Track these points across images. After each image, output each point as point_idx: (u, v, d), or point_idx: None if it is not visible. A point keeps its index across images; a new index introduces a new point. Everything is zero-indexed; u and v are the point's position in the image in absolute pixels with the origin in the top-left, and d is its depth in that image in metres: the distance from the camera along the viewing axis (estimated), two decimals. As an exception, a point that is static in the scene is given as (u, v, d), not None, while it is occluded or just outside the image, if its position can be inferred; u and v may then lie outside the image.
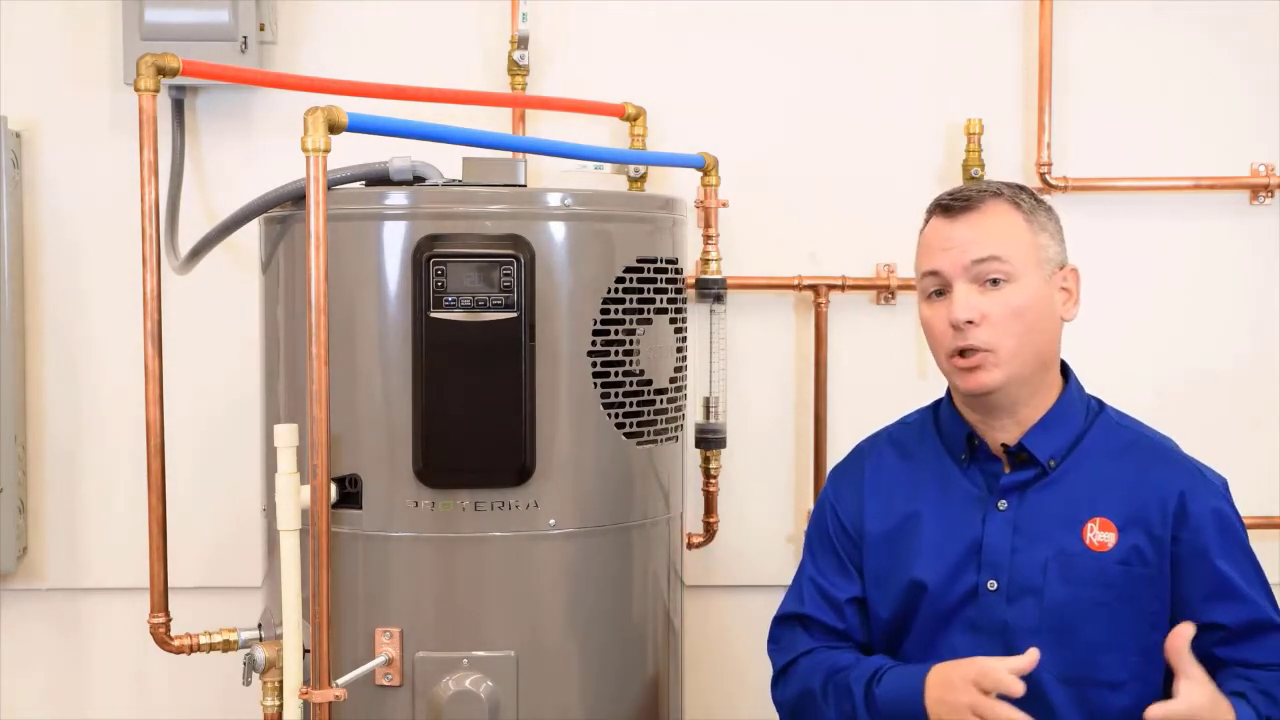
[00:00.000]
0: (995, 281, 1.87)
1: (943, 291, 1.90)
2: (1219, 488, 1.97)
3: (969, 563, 1.93)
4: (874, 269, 2.87)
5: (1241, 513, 2.82)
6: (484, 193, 2.10)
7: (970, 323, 1.86)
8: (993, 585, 1.91)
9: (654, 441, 2.22)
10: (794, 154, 2.87)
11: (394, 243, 2.07)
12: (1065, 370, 2.00)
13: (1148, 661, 1.88)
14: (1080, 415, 1.96)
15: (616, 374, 2.14)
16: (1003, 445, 1.94)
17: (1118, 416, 2.00)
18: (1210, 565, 1.90)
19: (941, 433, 2.02)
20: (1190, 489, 1.92)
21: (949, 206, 1.92)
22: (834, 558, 2.05)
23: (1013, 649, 1.85)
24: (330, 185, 1.97)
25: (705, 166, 2.66)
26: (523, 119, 2.83)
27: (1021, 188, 1.96)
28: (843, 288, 2.86)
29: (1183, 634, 1.76)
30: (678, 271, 2.27)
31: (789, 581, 2.12)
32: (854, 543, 2.04)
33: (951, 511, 1.96)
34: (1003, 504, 1.93)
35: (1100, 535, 1.89)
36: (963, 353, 1.88)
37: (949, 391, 2.03)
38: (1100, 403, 2.01)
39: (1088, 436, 1.95)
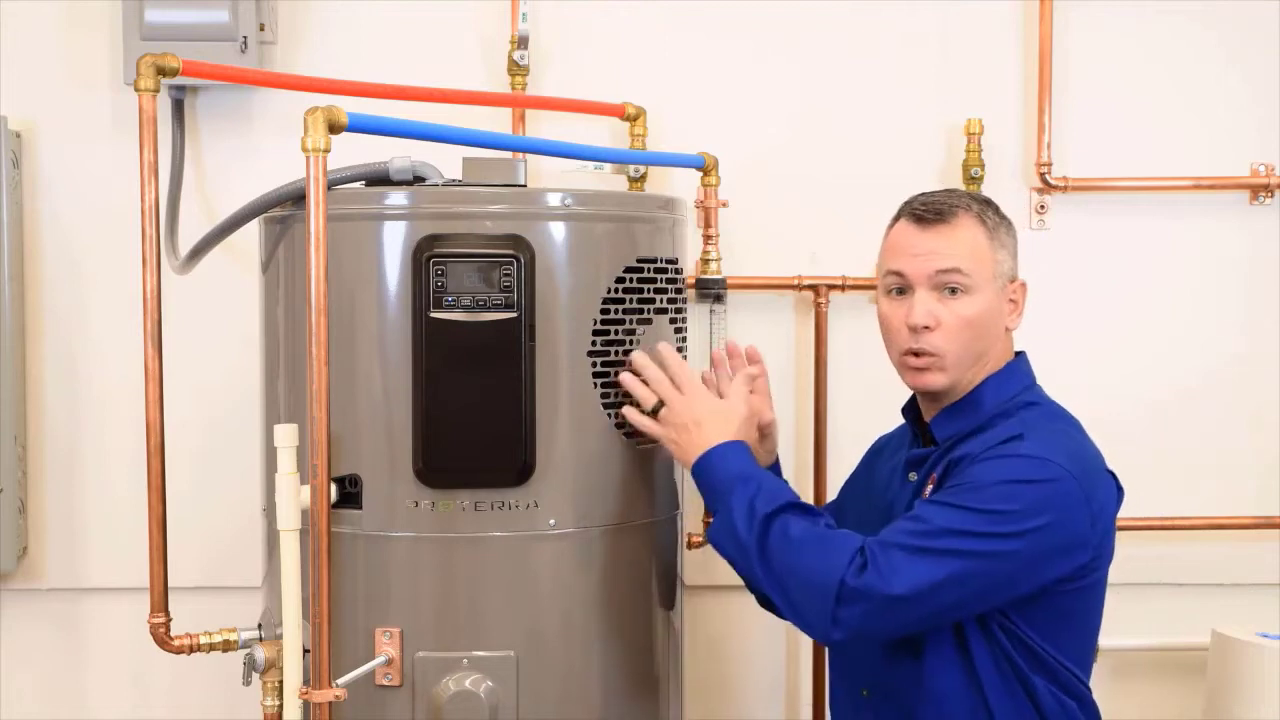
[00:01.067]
0: (953, 291, 2.03)
1: (903, 291, 2.07)
2: (1011, 453, 1.95)
3: (880, 522, 2.06)
4: (874, 269, 2.87)
5: (1241, 513, 2.87)
6: (484, 193, 2.10)
7: (926, 328, 2.03)
8: None
9: (654, 441, 2.21)
10: (794, 154, 2.88)
11: (394, 243, 2.07)
12: (1014, 366, 2.10)
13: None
14: (990, 405, 2.06)
15: (617, 374, 2.14)
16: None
17: (1027, 406, 2.05)
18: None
19: None
20: (984, 444, 1.98)
21: (922, 216, 2.07)
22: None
23: None
24: (330, 185, 1.97)
25: (705, 166, 2.66)
26: (523, 119, 2.83)
27: (987, 203, 2.10)
28: (843, 288, 2.86)
29: (752, 372, 2.15)
30: (678, 271, 2.27)
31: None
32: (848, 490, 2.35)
33: (886, 480, 2.17)
34: (913, 475, 2.10)
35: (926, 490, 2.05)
36: (915, 353, 2.05)
37: None
38: (1029, 391, 2.09)
39: (991, 421, 2.04)
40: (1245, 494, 2.89)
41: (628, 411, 2.11)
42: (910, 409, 2.18)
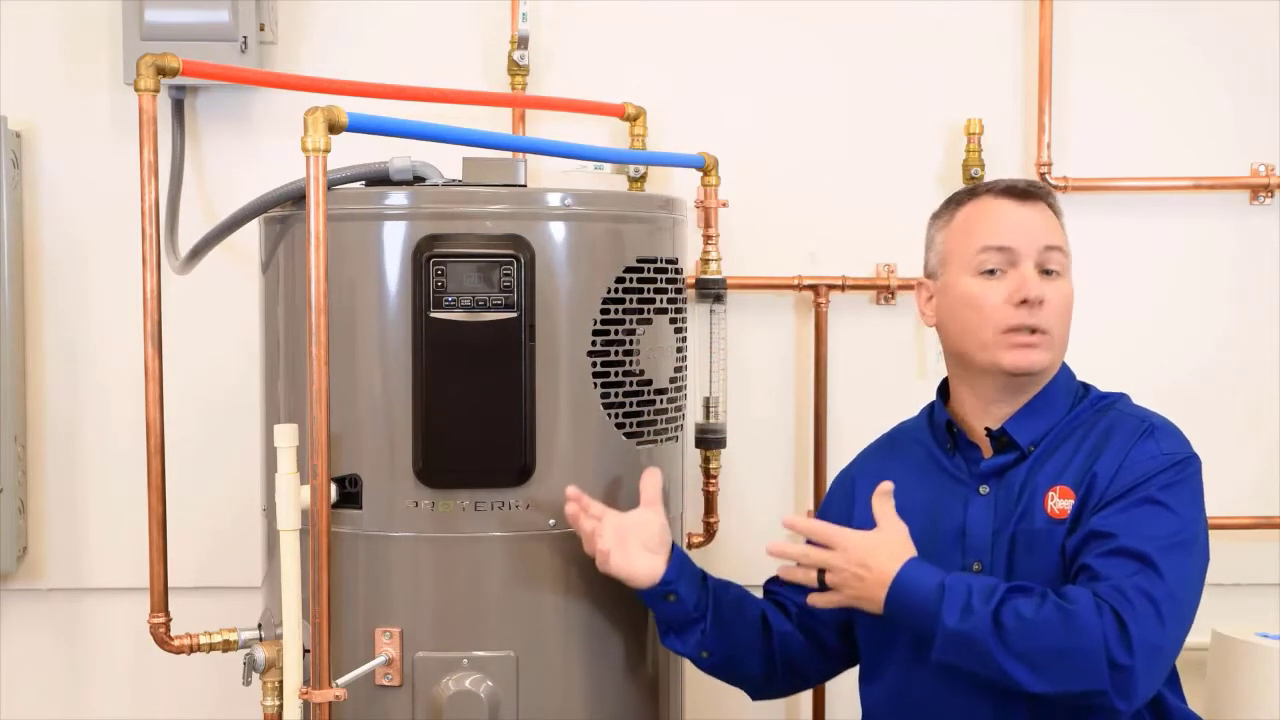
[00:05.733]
0: (1048, 272, 1.98)
1: (997, 271, 1.98)
2: (1166, 445, 1.96)
3: (954, 547, 1.99)
4: (874, 269, 2.87)
5: (1241, 513, 2.86)
6: (484, 193, 2.10)
7: (1041, 302, 1.95)
8: (977, 567, 1.98)
9: (654, 441, 2.22)
10: (794, 154, 2.88)
11: (394, 243, 2.07)
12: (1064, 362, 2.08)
13: None
14: (1065, 402, 2.03)
15: (616, 374, 2.14)
16: (986, 429, 2.02)
17: (1100, 398, 2.06)
18: (1103, 486, 1.92)
19: (934, 427, 2.11)
20: (1139, 438, 1.96)
21: (1024, 192, 2.01)
22: None
23: None
24: (330, 185, 1.97)
25: (705, 166, 2.66)
26: (523, 119, 2.83)
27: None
28: (843, 288, 2.86)
29: (883, 489, 1.93)
30: (678, 271, 2.27)
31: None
32: None
33: (939, 500, 2.04)
34: (984, 488, 2.00)
35: (1059, 503, 1.95)
36: (1018, 329, 1.95)
37: (940, 389, 2.11)
38: (1087, 387, 2.08)
39: (1066, 419, 2.01)
40: (1244, 494, 2.88)
41: (813, 599, 1.98)
42: (941, 422, 2.08)
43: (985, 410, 2.02)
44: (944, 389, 2.11)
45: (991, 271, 1.98)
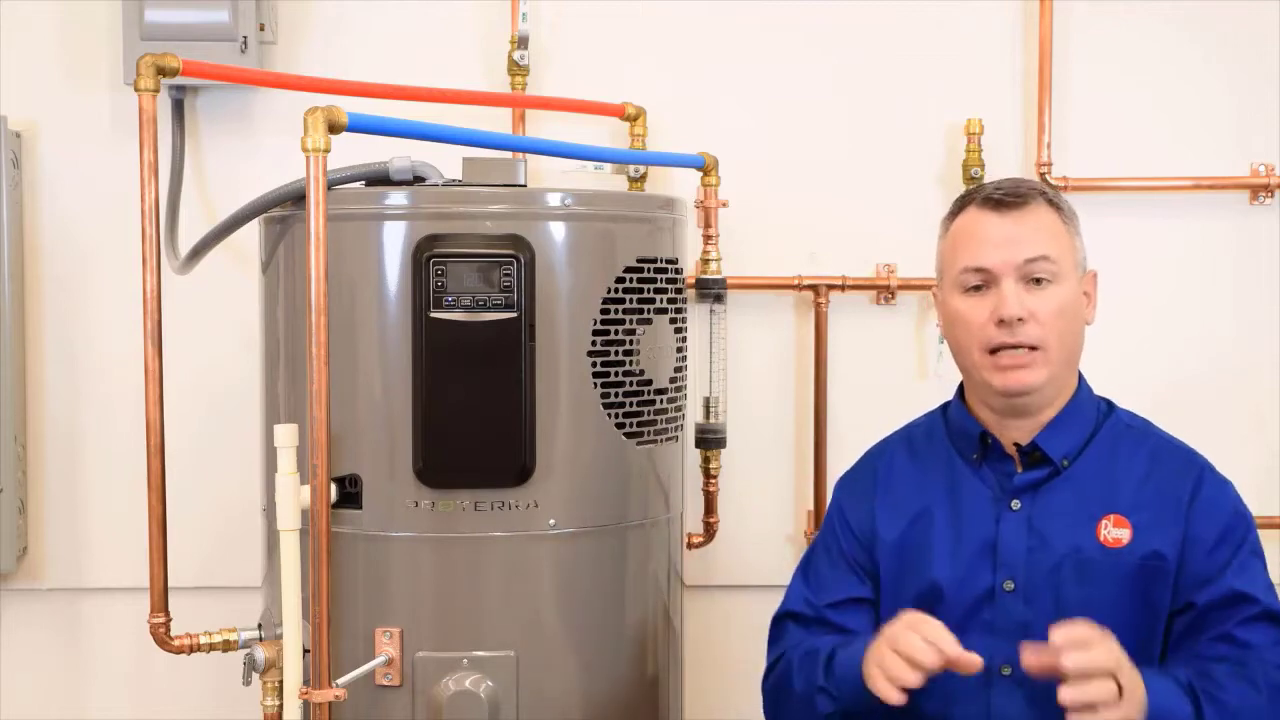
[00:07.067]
0: (1039, 281, 1.89)
1: (982, 286, 1.91)
2: (1226, 484, 1.98)
3: (984, 563, 1.93)
4: (874, 269, 2.87)
5: (1241, 513, 2.86)
6: (484, 193, 2.11)
7: (1020, 320, 1.87)
8: (1009, 585, 1.91)
9: (654, 441, 2.22)
10: (794, 154, 2.87)
11: (394, 243, 2.07)
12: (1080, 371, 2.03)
13: (1147, 650, 1.88)
14: (1091, 415, 1.97)
15: (616, 374, 2.15)
16: (1015, 444, 1.95)
17: (1128, 418, 2.02)
18: (1203, 553, 1.90)
19: (951, 434, 2.03)
20: (1201, 482, 1.94)
21: (1000, 201, 1.92)
22: (840, 561, 2.04)
23: None
24: (330, 185, 1.97)
25: (705, 166, 2.66)
26: (523, 119, 2.83)
27: (1054, 190, 2.02)
28: (843, 288, 2.86)
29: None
30: (678, 271, 2.27)
31: (789, 580, 2.12)
32: (863, 546, 2.03)
33: (963, 512, 1.97)
34: (1016, 503, 1.93)
35: (1114, 532, 1.90)
36: (1002, 349, 1.88)
37: (959, 391, 2.04)
38: (1110, 403, 2.03)
39: (1098, 436, 1.96)
40: (1245, 494, 2.86)
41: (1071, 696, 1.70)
42: (970, 430, 1.99)
43: (1003, 425, 1.95)
44: (962, 392, 2.04)
45: (978, 287, 1.91)
